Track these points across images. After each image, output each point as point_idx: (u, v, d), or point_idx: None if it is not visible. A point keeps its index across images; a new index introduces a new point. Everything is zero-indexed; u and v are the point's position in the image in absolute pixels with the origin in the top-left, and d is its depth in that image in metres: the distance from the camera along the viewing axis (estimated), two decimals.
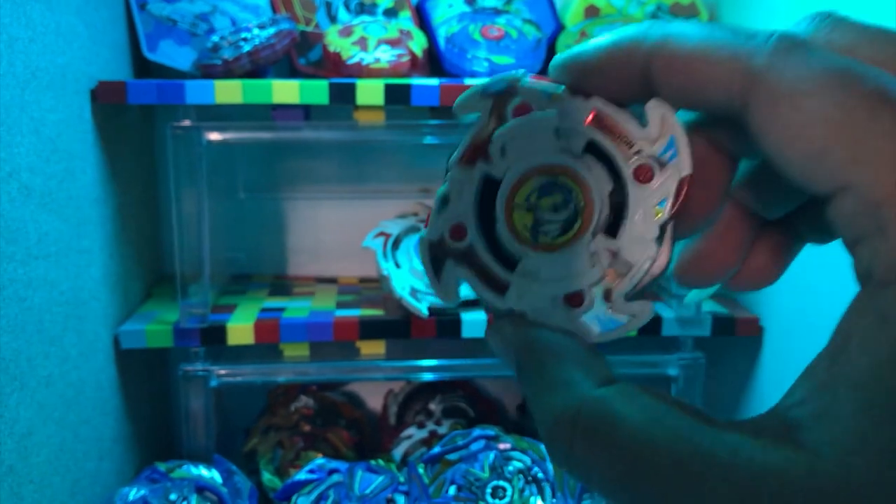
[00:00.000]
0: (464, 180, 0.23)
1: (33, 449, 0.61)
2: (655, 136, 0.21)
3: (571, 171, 0.22)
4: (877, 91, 0.17)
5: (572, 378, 0.20)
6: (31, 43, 0.62)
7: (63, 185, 0.68)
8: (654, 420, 0.19)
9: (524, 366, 0.22)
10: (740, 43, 0.20)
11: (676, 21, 0.21)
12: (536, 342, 0.22)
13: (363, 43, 0.82)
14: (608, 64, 0.21)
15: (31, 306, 0.61)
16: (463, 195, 0.23)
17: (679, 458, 0.18)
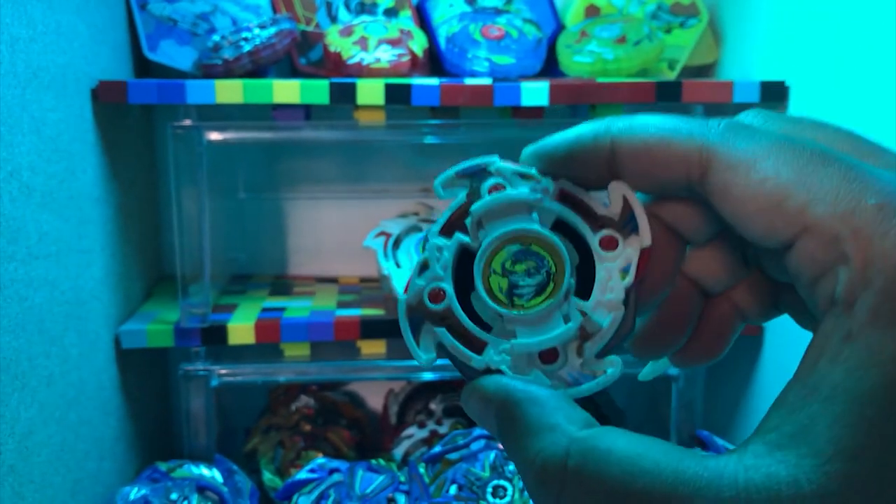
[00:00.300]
0: (442, 248, 0.25)
1: (34, 449, 0.62)
2: (618, 212, 0.24)
3: (543, 239, 0.24)
4: (819, 151, 0.20)
5: (557, 422, 0.21)
6: (31, 42, 0.62)
7: (64, 185, 0.68)
8: (641, 453, 0.20)
9: (505, 417, 0.22)
10: (695, 127, 0.22)
11: (636, 115, 0.24)
12: (517, 392, 0.23)
13: (364, 43, 0.82)
14: (575, 154, 0.24)
15: (31, 306, 0.61)
16: (441, 261, 0.25)
17: (667, 485, 0.19)
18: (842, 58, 0.70)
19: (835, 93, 0.72)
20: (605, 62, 0.81)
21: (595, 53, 0.82)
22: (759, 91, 0.79)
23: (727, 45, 0.92)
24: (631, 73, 0.82)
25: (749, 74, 0.86)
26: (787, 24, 0.79)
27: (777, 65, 0.81)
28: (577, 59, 0.83)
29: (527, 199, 0.24)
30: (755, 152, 0.21)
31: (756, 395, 0.86)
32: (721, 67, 0.93)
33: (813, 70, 0.75)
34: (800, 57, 0.77)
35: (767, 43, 0.83)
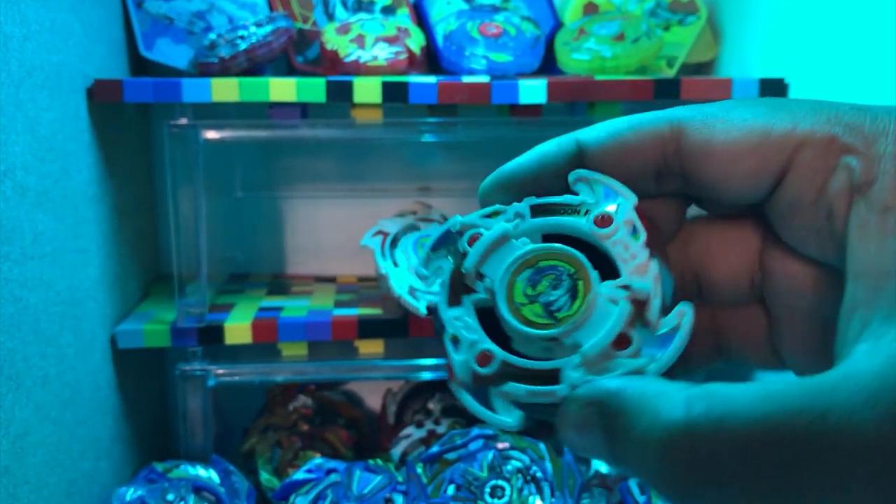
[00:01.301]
0: (461, 315, 0.24)
1: (29, 449, 0.61)
2: (592, 194, 0.24)
3: (545, 252, 0.24)
4: (780, 98, 0.23)
5: (664, 389, 0.19)
6: (25, 41, 0.62)
7: (59, 185, 0.68)
8: (759, 387, 0.18)
9: (611, 415, 0.20)
10: (659, 112, 0.23)
11: (597, 124, 0.24)
12: (612, 388, 0.21)
13: (360, 40, 0.81)
14: (542, 169, 0.24)
15: (26, 306, 0.61)
16: (468, 327, 0.24)
17: (799, 398, 0.17)
18: (841, 55, 0.70)
19: (834, 90, 0.72)
20: (604, 60, 0.81)
21: (593, 51, 0.82)
22: (758, 88, 0.78)
23: (726, 43, 0.92)
24: (629, 71, 0.81)
25: (748, 71, 0.86)
26: (786, 20, 0.79)
27: (776, 62, 0.81)
28: (575, 56, 0.82)
29: (506, 231, 0.24)
30: (725, 108, 0.22)
31: None
32: (720, 64, 0.93)
33: (812, 67, 0.75)
34: (799, 54, 0.77)
35: (766, 40, 0.83)
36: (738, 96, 0.78)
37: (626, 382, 0.21)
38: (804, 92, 0.76)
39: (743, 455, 0.17)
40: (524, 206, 0.24)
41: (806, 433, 0.17)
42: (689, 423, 0.18)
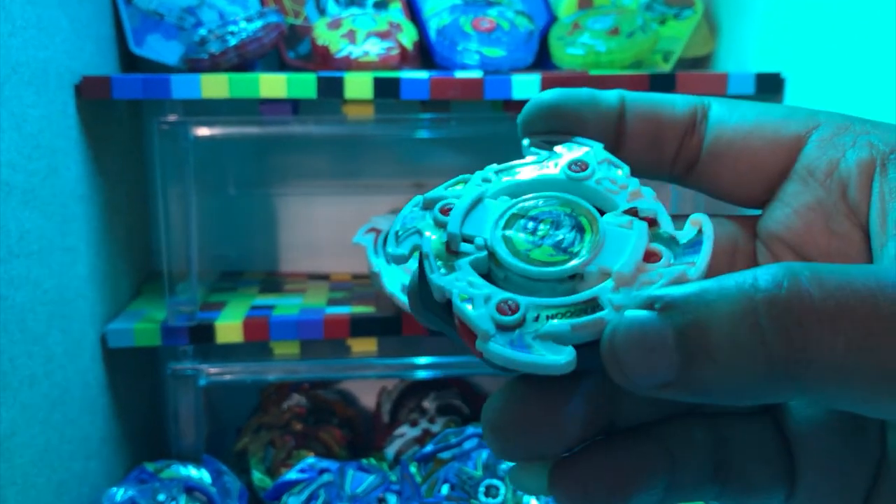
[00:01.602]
0: (460, 277, 0.21)
1: (16, 450, 0.60)
2: (553, 153, 0.23)
3: (532, 200, 0.22)
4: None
5: (749, 273, 0.17)
6: (10, 37, 0.61)
7: (46, 182, 0.67)
8: (868, 270, 0.17)
9: (689, 319, 0.17)
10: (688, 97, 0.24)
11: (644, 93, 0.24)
12: (682, 292, 0.17)
13: (352, 36, 0.81)
14: (584, 108, 0.23)
15: (12, 305, 0.60)
16: (475, 284, 0.20)
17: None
18: (838, 49, 0.69)
19: (831, 85, 0.71)
20: (598, 54, 0.80)
21: (588, 45, 0.81)
22: (755, 83, 0.77)
23: (723, 37, 0.91)
24: (624, 66, 0.80)
25: (744, 66, 0.85)
26: (783, 15, 0.78)
27: (773, 56, 0.80)
28: (569, 51, 0.81)
29: (481, 192, 0.22)
30: (749, 105, 0.23)
31: None
32: (716, 59, 0.92)
33: (809, 62, 0.74)
34: (796, 48, 0.76)
35: (763, 34, 0.82)
36: (734, 91, 0.77)
37: (703, 287, 0.17)
38: (801, 87, 0.76)
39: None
40: (488, 171, 0.23)
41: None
42: (795, 278, 0.16)
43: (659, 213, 0.21)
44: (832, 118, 0.22)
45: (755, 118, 0.22)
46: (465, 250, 0.21)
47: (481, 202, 0.22)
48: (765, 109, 0.23)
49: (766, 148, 0.22)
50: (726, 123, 0.22)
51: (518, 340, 0.19)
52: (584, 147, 0.23)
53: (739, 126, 0.22)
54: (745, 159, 0.22)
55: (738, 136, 0.22)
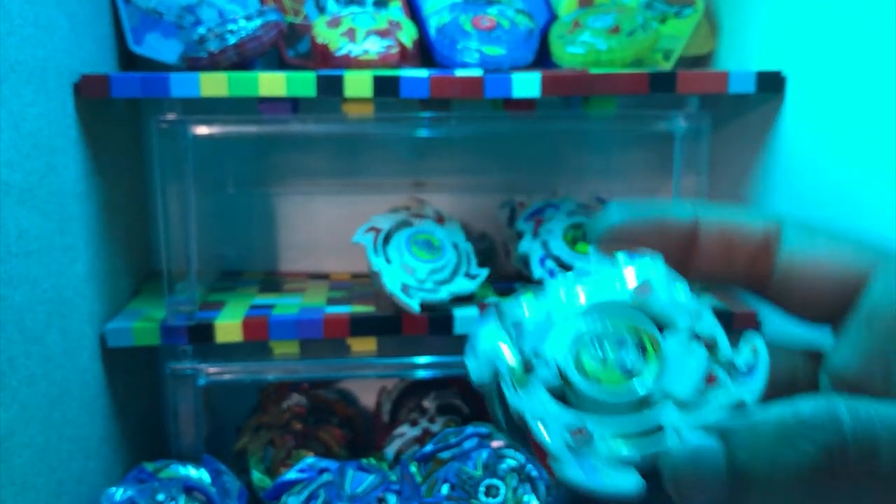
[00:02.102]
0: (533, 398, 0.22)
1: (14, 451, 0.60)
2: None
3: (600, 320, 0.23)
4: None
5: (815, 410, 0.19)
6: (8, 36, 0.61)
7: (44, 181, 0.67)
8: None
9: (758, 450, 0.19)
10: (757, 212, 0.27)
11: (719, 205, 0.25)
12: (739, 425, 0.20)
13: (351, 34, 0.80)
14: (659, 225, 0.25)
15: (10, 304, 0.60)
16: (549, 408, 0.22)
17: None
18: (841, 48, 0.69)
19: (833, 84, 0.70)
20: (599, 53, 0.80)
21: (588, 44, 0.81)
22: (756, 82, 0.77)
23: (724, 35, 0.90)
24: (625, 64, 0.80)
25: (746, 65, 0.85)
26: (785, 13, 0.78)
27: (774, 55, 0.80)
28: (569, 49, 0.81)
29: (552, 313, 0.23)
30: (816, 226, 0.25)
31: None
32: (717, 57, 0.92)
33: (811, 60, 0.74)
34: (798, 47, 0.76)
35: (765, 32, 0.82)
36: (735, 90, 0.77)
37: (748, 417, 0.20)
38: (803, 86, 0.75)
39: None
40: (559, 284, 0.24)
41: None
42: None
43: (717, 336, 0.22)
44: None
45: (827, 251, 0.24)
46: (538, 368, 0.22)
47: (552, 320, 0.23)
48: (836, 242, 0.24)
49: (835, 282, 0.24)
50: (799, 252, 0.24)
51: (588, 464, 0.20)
52: (646, 261, 0.23)
53: (811, 257, 0.24)
54: (815, 289, 0.24)
55: (808, 266, 0.24)
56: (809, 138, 0.74)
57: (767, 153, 0.81)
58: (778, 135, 0.79)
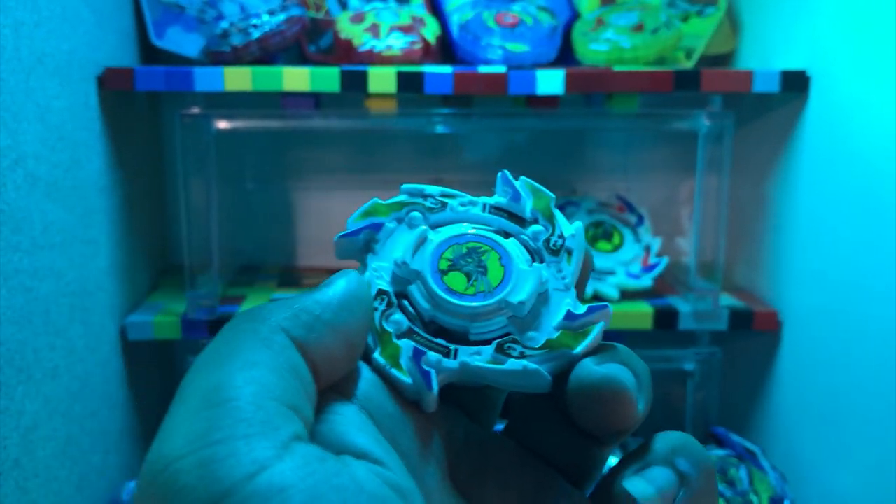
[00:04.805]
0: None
1: (39, 442, 0.60)
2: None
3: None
4: None
5: None
6: (36, 28, 0.61)
7: (69, 174, 0.67)
8: None
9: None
10: None
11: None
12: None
13: (375, 30, 0.80)
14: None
15: (36, 297, 0.60)
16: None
17: None
18: (866, 47, 0.69)
19: (858, 83, 0.70)
20: (622, 50, 0.79)
21: (611, 41, 0.80)
22: (780, 81, 0.77)
23: (745, 34, 0.90)
24: (648, 62, 0.80)
25: (768, 63, 0.84)
26: (808, 12, 0.77)
27: (796, 54, 0.79)
28: (593, 46, 0.81)
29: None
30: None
31: (773, 392, 0.84)
32: (739, 56, 0.91)
33: (836, 59, 0.73)
34: (821, 46, 0.76)
35: (788, 31, 0.81)
36: (759, 89, 0.77)
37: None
38: (827, 85, 0.75)
39: None
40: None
41: None
42: None
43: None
44: None
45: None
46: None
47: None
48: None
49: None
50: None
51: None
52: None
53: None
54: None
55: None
56: (833, 138, 0.74)
57: (790, 153, 0.81)
58: (801, 134, 0.79)
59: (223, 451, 0.17)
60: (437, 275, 0.24)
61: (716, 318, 0.81)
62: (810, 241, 0.77)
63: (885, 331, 0.65)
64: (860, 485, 0.69)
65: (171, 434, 0.18)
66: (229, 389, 0.18)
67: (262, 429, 0.17)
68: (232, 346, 0.20)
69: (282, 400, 0.18)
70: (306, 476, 0.17)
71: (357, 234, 0.25)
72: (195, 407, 0.18)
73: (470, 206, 0.26)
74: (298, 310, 0.21)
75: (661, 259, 0.87)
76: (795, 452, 0.79)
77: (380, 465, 0.19)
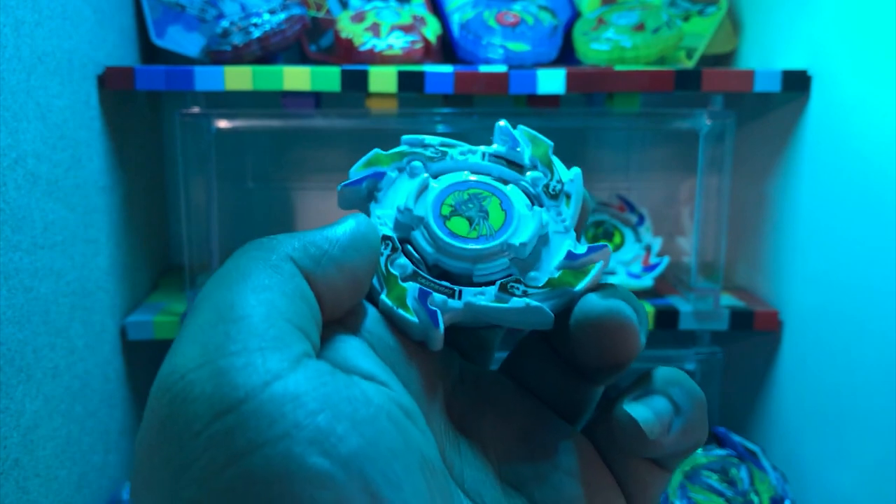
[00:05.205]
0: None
1: (39, 442, 0.60)
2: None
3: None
4: None
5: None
6: (37, 27, 0.61)
7: (69, 173, 0.67)
8: None
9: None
10: None
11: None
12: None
13: (376, 29, 0.80)
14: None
15: (36, 296, 0.60)
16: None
17: None
18: (868, 46, 0.68)
19: (859, 83, 0.70)
20: (623, 50, 0.79)
21: (612, 41, 0.80)
22: (781, 80, 0.77)
23: (746, 33, 0.90)
24: (649, 62, 0.80)
25: (769, 63, 0.84)
26: (809, 11, 0.77)
27: (798, 53, 0.79)
28: (594, 46, 0.81)
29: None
30: None
31: (773, 391, 0.84)
32: (740, 56, 0.91)
33: (837, 59, 0.73)
34: (822, 46, 0.76)
35: (789, 31, 0.81)
36: (760, 88, 0.77)
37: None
38: (828, 85, 0.75)
39: None
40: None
41: None
42: None
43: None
44: None
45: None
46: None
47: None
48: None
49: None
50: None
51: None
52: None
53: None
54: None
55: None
56: (834, 138, 0.73)
57: (791, 153, 0.81)
58: (802, 134, 0.79)
59: (239, 362, 0.17)
60: (440, 220, 0.24)
61: (716, 318, 0.81)
62: (811, 241, 0.77)
63: (885, 331, 0.65)
64: (861, 485, 0.69)
65: (185, 347, 0.18)
66: (242, 307, 0.19)
67: (276, 344, 0.18)
68: (243, 270, 0.20)
69: (292, 321, 0.19)
70: (319, 385, 0.18)
71: (360, 184, 0.26)
72: (209, 322, 0.19)
73: (469, 155, 0.26)
74: (308, 242, 0.21)
75: (661, 259, 0.87)
76: (796, 452, 0.79)
77: (385, 386, 0.20)
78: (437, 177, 0.25)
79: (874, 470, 0.67)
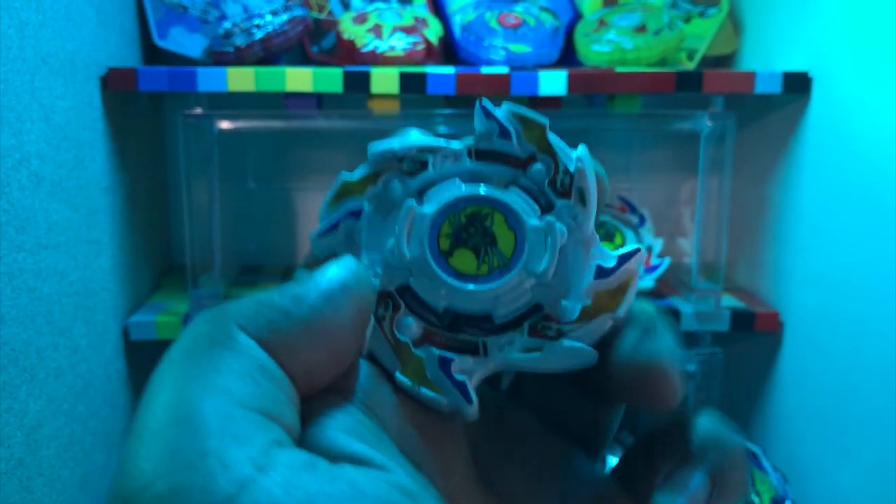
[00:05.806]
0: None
1: (43, 442, 0.60)
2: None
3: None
4: None
5: None
6: (40, 28, 0.61)
7: (73, 174, 0.67)
8: None
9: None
10: None
11: None
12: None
13: (377, 30, 0.80)
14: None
15: (40, 296, 0.60)
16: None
17: None
18: (868, 48, 0.69)
19: (860, 85, 0.70)
20: (625, 51, 0.79)
21: (614, 42, 0.80)
22: (782, 82, 0.77)
23: (747, 35, 0.90)
24: (651, 63, 0.80)
25: (769, 65, 0.84)
26: (810, 13, 0.77)
27: (799, 55, 0.79)
28: (595, 47, 0.81)
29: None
30: None
31: (774, 392, 0.85)
32: (741, 58, 0.92)
33: (837, 60, 0.74)
34: (823, 48, 0.76)
35: (789, 32, 0.81)
36: (761, 90, 0.77)
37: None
38: (829, 86, 0.75)
39: None
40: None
41: None
42: None
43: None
44: None
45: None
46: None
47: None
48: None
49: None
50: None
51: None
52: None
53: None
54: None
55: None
56: (835, 139, 0.74)
57: (792, 154, 0.81)
58: (803, 136, 0.79)
59: (196, 476, 0.15)
60: (440, 259, 0.20)
61: (717, 319, 0.81)
62: (812, 242, 0.77)
63: (886, 331, 0.65)
64: (861, 485, 0.69)
65: (134, 462, 0.16)
66: (191, 401, 0.16)
67: (235, 441, 0.15)
68: (190, 352, 0.17)
69: (251, 406, 0.16)
70: (294, 488, 0.15)
71: (335, 229, 0.21)
72: (160, 424, 0.16)
73: (453, 159, 0.21)
74: (261, 305, 0.18)
75: (662, 260, 0.87)
76: (797, 453, 0.80)
77: (382, 470, 0.17)
78: (423, 193, 0.21)
79: (874, 470, 0.67)
